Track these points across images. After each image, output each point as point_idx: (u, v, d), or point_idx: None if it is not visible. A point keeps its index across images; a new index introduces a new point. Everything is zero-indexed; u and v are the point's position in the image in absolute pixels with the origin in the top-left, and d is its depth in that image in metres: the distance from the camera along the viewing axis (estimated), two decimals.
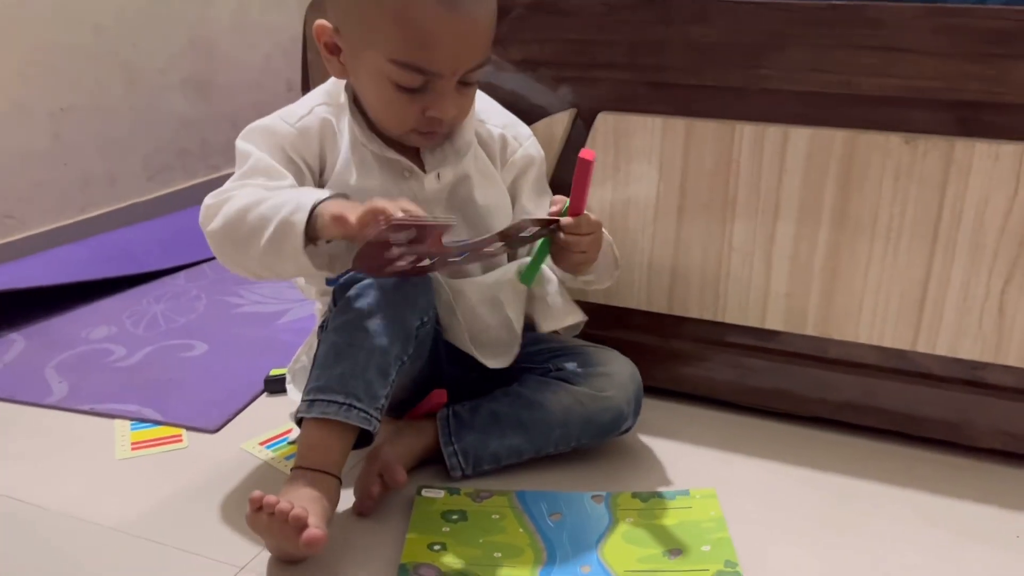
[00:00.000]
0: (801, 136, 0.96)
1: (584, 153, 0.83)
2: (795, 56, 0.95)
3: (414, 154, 0.94)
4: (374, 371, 0.83)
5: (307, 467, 0.82)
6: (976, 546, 0.85)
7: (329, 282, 0.91)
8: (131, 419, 1.09)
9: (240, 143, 0.91)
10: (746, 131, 0.98)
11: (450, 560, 0.81)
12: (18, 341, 1.32)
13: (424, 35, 0.82)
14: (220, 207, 0.86)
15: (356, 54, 0.86)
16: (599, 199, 1.07)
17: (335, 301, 0.89)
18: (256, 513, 0.76)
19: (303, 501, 0.77)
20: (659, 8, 0.99)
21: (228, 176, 0.91)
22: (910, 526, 0.88)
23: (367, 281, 0.86)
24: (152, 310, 1.43)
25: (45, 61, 1.62)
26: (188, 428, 1.07)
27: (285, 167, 0.89)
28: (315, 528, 0.75)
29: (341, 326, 0.85)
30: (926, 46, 0.89)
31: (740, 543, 0.83)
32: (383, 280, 0.86)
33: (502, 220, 0.97)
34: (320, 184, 0.93)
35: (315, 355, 0.87)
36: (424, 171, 0.93)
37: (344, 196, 0.85)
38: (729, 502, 0.90)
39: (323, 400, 0.82)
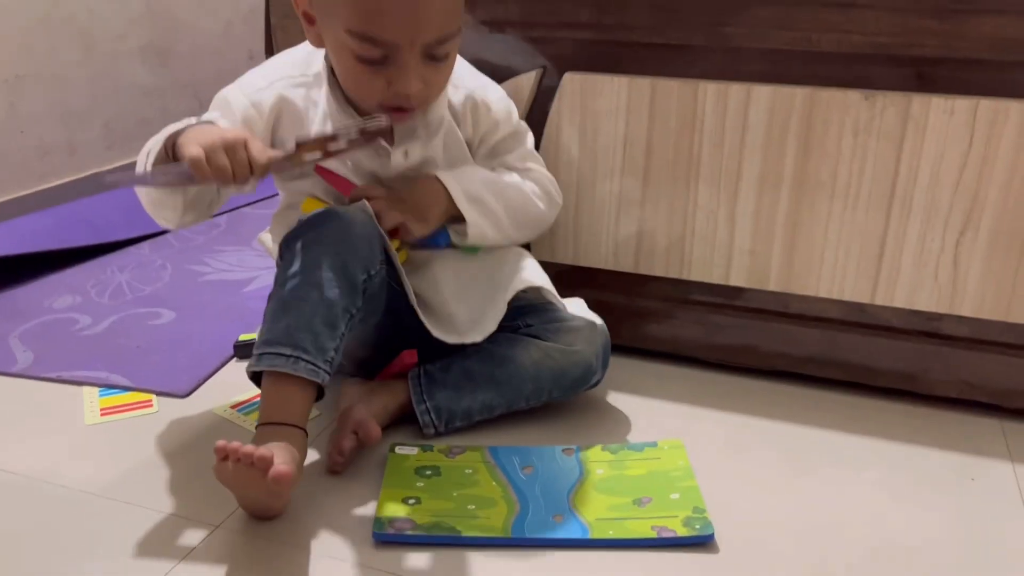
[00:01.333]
0: (763, 94, 0.98)
1: None
2: (758, 14, 0.96)
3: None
4: (320, 323, 0.83)
5: (269, 422, 0.82)
6: (934, 490, 0.89)
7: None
8: (99, 385, 1.08)
9: (206, 115, 0.92)
10: (709, 90, 1.00)
11: (424, 513, 0.82)
12: None
13: (372, 5, 0.81)
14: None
15: (323, 24, 0.86)
16: (566, 159, 1.08)
17: (281, 256, 0.89)
18: (222, 463, 0.75)
19: (268, 448, 0.77)
20: None
21: None
22: (871, 472, 0.91)
23: (312, 235, 0.86)
24: (117, 279, 1.42)
25: None
26: (158, 393, 1.06)
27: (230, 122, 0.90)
28: (281, 464, 0.75)
29: (286, 279, 0.85)
30: (885, 2, 0.91)
31: (707, 493, 0.86)
32: (328, 232, 0.86)
33: None
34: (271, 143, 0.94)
35: (264, 310, 0.87)
36: (392, 146, 0.93)
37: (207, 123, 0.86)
38: (696, 454, 0.92)
39: (270, 353, 0.82)
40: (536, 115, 1.08)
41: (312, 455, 0.93)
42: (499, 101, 1.00)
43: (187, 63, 1.98)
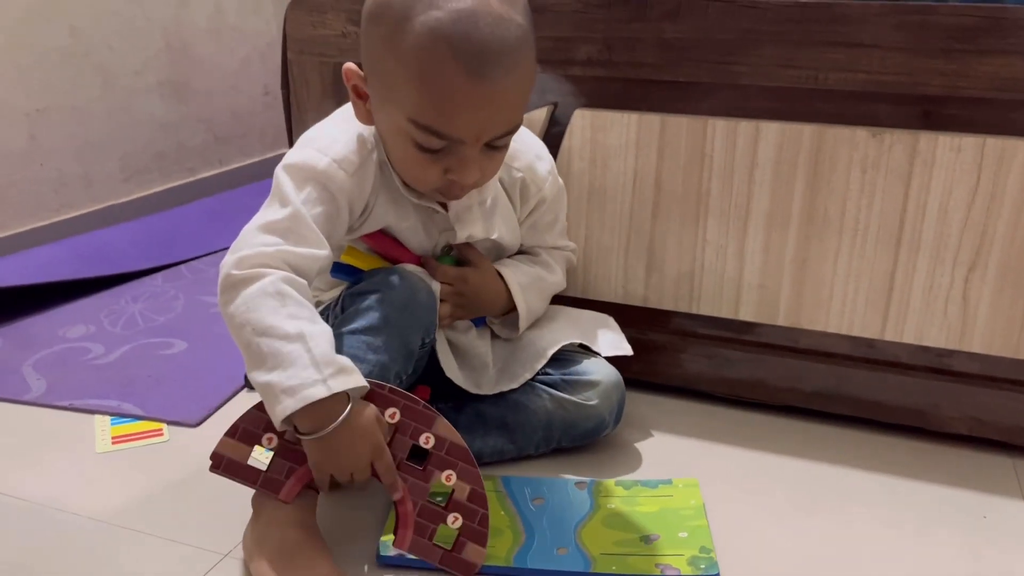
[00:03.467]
0: (771, 130, 0.99)
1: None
2: (765, 52, 0.98)
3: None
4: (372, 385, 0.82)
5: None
6: (944, 528, 0.88)
7: (334, 273, 0.91)
8: (111, 414, 1.09)
9: (284, 176, 0.84)
10: (718, 126, 1.01)
11: None
12: None
13: (445, 101, 0.76)
14: (237, 288, 0.78)
15: (380, 105, 0.82)
16: (576, 195, 1.09)
17: (343, 308, 0.88)
18: None
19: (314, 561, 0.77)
20: (633, 6, 1.02)
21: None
22: (881, 510, 0.91)
23: (379, 296, 0.85)
24: (130, 309, 1.43)
25: (21, 62, 1.62)
26: (169, 422, 1.07)
27: (326, 211, 0.84)
28: None
29: (345, 333, 0.84)
30: (890, 42, 0.93)
31: (715, 528, 0.85)
32: (393, 295, 0.85)
33: (509, 253, 1.02)
34: (357, 219, 0.89)
35: None
36: (446, 209, 0.92)
37: (361, 388, 0.78)
38: (704, 489, 0.92)
39: None
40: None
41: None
42: (548, 175, 0.99)
43: (203, 98, 2.01)
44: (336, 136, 0.86)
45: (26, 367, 1.22)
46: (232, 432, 0.80)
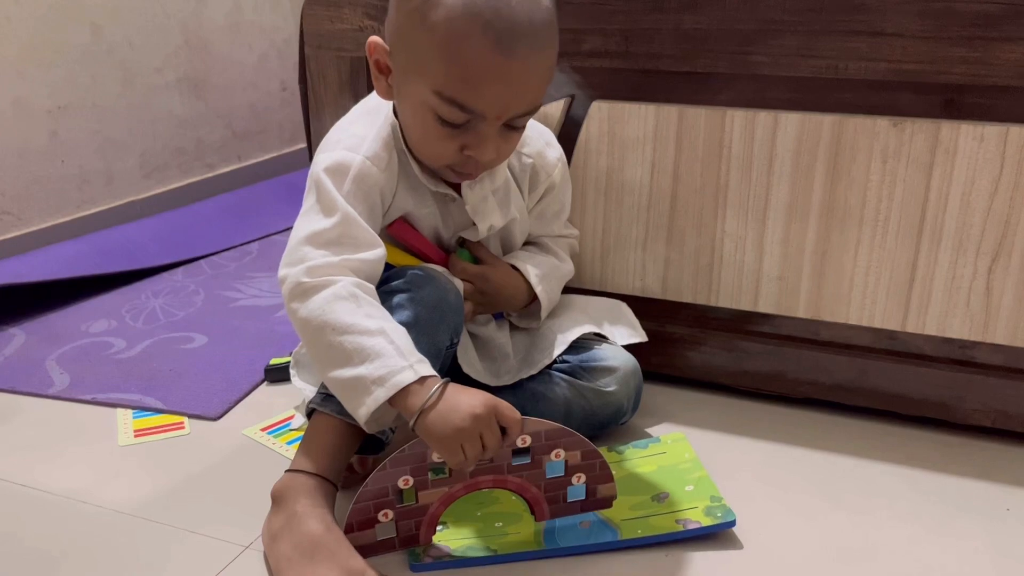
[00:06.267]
0: (790, 121, 0.98)
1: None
2: (785, 42, 0.97)
3: (456, 184, 0.93)
4: None
5: (312, 472, 0.81)
6: (968, 520, 0.87)
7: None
8: (133, 408, 1.10)
9: (324, 179, 0.85)
10: (737, 117, 1.00)
11: (455, 536, 0.83)
12: (18, 335, 1.33)
13: (472, 74, 0.77)
14: (309, 294, 0.79)
15: (404, 79, 0.83)
16: (593, 188, 1.09)
17: None
18: None
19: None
20: None
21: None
22: (903, 502, 0.90)
23: (410, 295, 0.85)
24: (151, 304, 1.44)
25: (43, 59, 1.63)
26: (190, 416, 1.08)
27: (367, 208, 0.86)
28: None
29: None
30: (912, 30, 0.91)
31: (737, 520, 0.85)
32: (423, 295, 0.85)
33: (519, 239, 1.02)
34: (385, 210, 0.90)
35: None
36: (459, 195, 0.93)
37: (444, 385, 0.76)
38: (724, 482, 0.91)
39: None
40: (564, 143, 1.09)
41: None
42: (557, 162, 1.01)
43: (222, 95, 2.03)
44: (361, 134, 0.88)
45: (50, 361, 1.23)
46: (349, 528, 0.79)
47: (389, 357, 0.76)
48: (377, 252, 0.84)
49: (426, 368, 0.76)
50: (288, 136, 2.22)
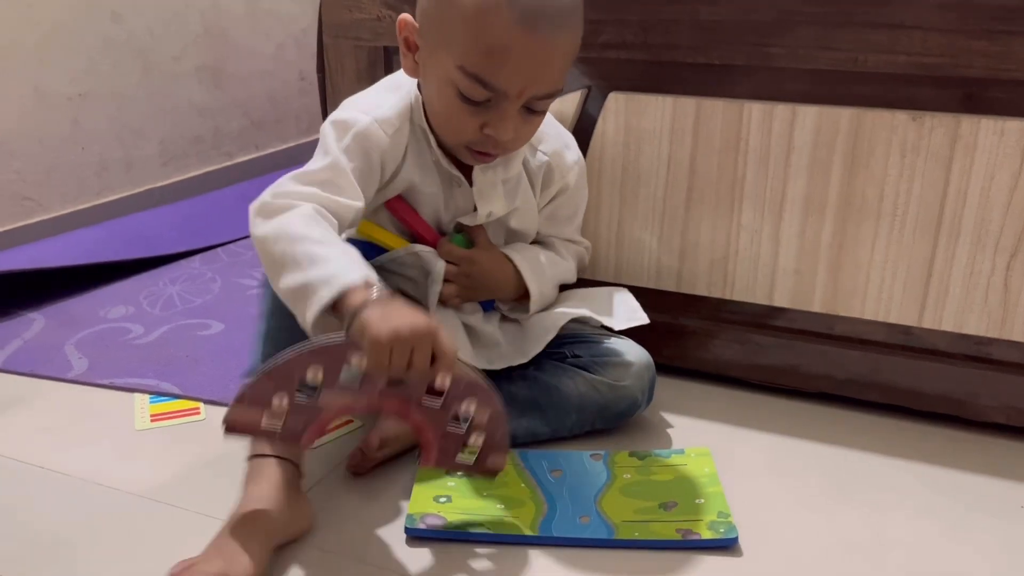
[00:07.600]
0: (808, 114, 0.98)
1: None
2: (803, 34, 0.96)
3: (467, 170, 0.94)
4: None
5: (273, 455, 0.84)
6: (981, 517, 0.87)
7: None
8: (150, 392, 1.11)
9: (330, 130, 0.88)
10: (754, 110, 1.00)
11: (455, 511, 0.84)
12: (38, 320, 1.34)
13: (496, 49, 0.79)
14: (273, 215, 0.80)
15: (430, 54, 0.84)
16: (609, 179, 1.09)
17: None
18: None
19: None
20: None
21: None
22: (916, 497, 0.90)
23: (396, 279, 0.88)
24: (168, 291, 1.46)
25: (64, 47, 1.64)
26: (206, 401, 1.09)
27: (361, 166, 0.87)
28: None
29: None
30: (932, 23, 0.91)
31: (745, 513, 0.85)
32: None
33: (527, 239, 1.02)
34: (383, 179, 0.91)
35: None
36: (470, 183, 0.93)
37: (380, 293, 0.74)
38: (736, 475, 0.92)
39: None
40: (581, 134, 1.09)
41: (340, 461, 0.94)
42: (574, 165, 1.01)
43: (240, 83, 2.04)
44: (379, 100, 0.90)
45: (68, 346, 1.25)
46: (240, 399, 0.77)
47: (338, 262, 0.75)
48: (355, 203, 0.84)
49: (374, 276, 0.75)
50: (305, 126, 2.23)
